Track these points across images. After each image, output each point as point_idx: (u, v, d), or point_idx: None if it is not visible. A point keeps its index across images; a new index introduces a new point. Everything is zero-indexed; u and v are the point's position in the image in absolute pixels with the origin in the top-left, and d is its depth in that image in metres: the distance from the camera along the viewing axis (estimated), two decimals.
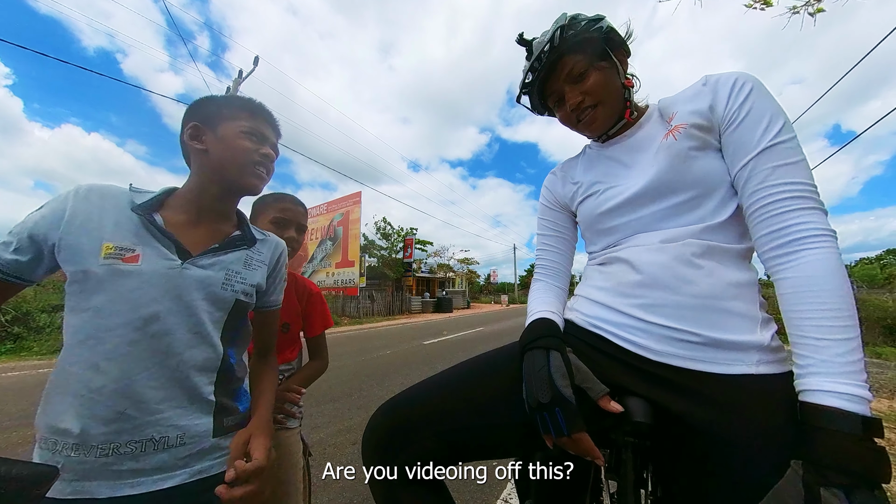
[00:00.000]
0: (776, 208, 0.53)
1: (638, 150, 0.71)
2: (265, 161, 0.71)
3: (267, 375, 0.78)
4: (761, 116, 0.57)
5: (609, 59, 0.69)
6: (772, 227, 0.54)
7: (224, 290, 0.66)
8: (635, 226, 0.68)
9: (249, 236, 0.73)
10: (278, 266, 0.79)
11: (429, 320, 14.96)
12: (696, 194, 0.62)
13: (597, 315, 0.66)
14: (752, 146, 0.57)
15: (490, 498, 1.92)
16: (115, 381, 0.55)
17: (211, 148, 0.67)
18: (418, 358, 5.90)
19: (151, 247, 0.61)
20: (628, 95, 0.72)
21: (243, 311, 0.70)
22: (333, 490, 1.94)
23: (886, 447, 1.83)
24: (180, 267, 0.62)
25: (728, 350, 0.54)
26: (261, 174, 0.71)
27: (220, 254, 0.67)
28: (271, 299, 0.79)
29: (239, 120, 0.68)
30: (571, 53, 0.68)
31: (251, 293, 0.71)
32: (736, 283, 0.57)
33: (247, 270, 0.70)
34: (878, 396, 3.72)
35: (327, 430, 2.80)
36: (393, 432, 0.69)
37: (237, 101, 0.71)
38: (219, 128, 0.67)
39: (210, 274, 0.64)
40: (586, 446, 0.56)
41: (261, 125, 0.71)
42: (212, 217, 0.71)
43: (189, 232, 0.67)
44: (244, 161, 0.68)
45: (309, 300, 1.16)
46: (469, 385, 0.70)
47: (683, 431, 0.55)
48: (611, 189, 0.71)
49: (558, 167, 0.88)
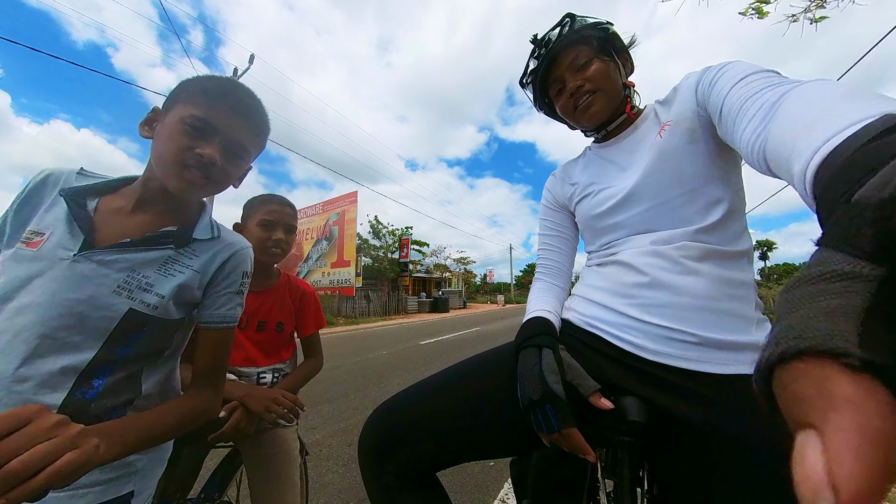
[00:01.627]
0: (755, 99, 0.44)
1: (632, 151, 0.72)
2: (199, 164, 0.56)
3: (176, 402, 0.60)
4: (737, 69, 0.53)
5: (611, 57, 0.72)
6: (757, 103, 0.43)
7: (117, 294, 0.54)
8: (630, 226, 0.69)
9: (183, 235, 0.61)
10: (225, 273, 0.64)
11: (425, 320, 14.95)
12: (684, 192, 0.62)
13: (593, 315, 0.67)
14: (727, 86, 0.52)
15: (487, 497, 1.92)
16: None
17: (155, 136, 0.58)
18: (415, 358, 5.89)
19: (60, 233, 0.54)
20: (629, 93, 0.74)
21: (139, 324, 0.56)
22: (329, 491, 1.93)
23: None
24: (70, 259, 0.52)
25: (724, 350, 0.54)
26: (187, 176, 0.57)
27: (130, 250, 0.56)
28: (214, 313, 0.64)
29: (188, 105, 0.56)
30: (576, 45, 0.71)
31: (156, 304, 0.57)
32: (731, 284, 0.58)
33: (159, 275, 0.57)
34: None
35: (323, 431, 2.79)
36: (390, 435, 0.69)
37: (202, 82, 0.59)
38: (169, 113, 0.57)
39: (103, 272, 0.53)
40: (577, 442, 0.56)
41: (216, 115, 0.57)
42: (150, 208, 0.61)
43: (117, 221, 0.58)
44: (170, 160, 0.56)
45: (302, 299, 1.17)
46: (466, 386, 0.70)
47: (679, 430, 0.56)
48: (605, 189, 0.73)
49: (559, 169, 0.89)
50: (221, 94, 0.58)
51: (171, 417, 0.56)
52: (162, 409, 0.56)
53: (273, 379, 1.08)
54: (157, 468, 0.63)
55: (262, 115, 0.64)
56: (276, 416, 0.94)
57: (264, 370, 1.07)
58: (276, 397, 0.96)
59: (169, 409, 0.57)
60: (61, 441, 0.38)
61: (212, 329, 0.65)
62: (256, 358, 1.07)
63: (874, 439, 0.13)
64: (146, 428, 0.52)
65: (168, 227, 0.61)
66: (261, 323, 1.08)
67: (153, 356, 0.61)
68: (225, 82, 0.60)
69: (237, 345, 1.04)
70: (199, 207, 0.68)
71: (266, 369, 1.08)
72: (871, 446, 0.13)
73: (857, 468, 0.13)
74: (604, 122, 0.75)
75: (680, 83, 0.69)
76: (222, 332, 0.66)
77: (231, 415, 0.90)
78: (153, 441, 0.54)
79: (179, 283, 0.59)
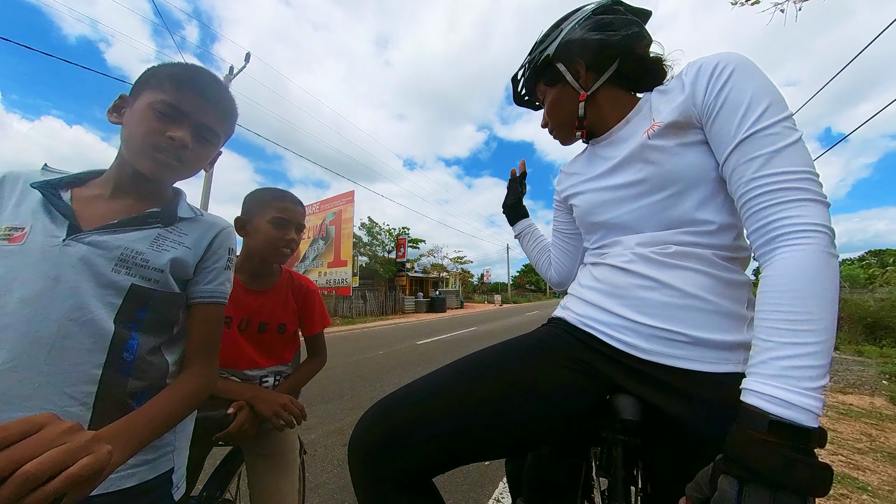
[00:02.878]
0: (759, 203, 0.50)
1: (619, 147, 0.71)
2: (171, 147, 0.59)
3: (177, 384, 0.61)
4: (739, 103, 0.53)
5: (558, 80, 0.75)
6: (756, 223, 0.51)
7: (116, 272, 0.56)
8: (618, 226, 0.69)
9: (169, 214, 0.64)
10: (212, 250, 0.67)
11: (422, 320, 14.94)
12: (672, 193, 0.62)
13: (588, 314, 0.67)
14: (729, 138, 0.54)
15: (482, 497, 1.93)
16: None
17: (125, 122, 0.60)
18: (412, 358, 5.89)
19: (42, 223, 0.55)
20: (581, 112, 0.75)
21: (144, 298, 0.59)
22: (324, 492, 1.93)
23: (866, 445, 1.88)
24: (61, 244, 0.54)
25: (715, 349, 0.55)
26: (161, 159, 0.59)
27: (120, 231, 0.58)
28: (203, 289, 0.66)
29: (157, 91, 0.58)
30: (537, 83, 0.81)
31: (156, 279, 0.60)
32: (723, 284, 0.58)
33: (152, 251, 0.60)
34: (858, 393, 3.83)
35: (319, 431, 2.78)
36: (388, 438, 0.64)
37: (170, 69, 0.61)
38: (137, 99, 0.59)
39: (97, 252, 0.55)
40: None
41: (184, 98, 0.60)
42: (130, 193, 0.63)
43: (98, 207, 0.60)
44: (142, 143, 0.58)
45: (306, 298, 1.14)
46: (465, 386, 0.68)
47: (672, 429, 0.56)
48: (593, 189, 0.73)
49: (566, 164, 0.91)
50: (188, 80, 0.60)
51: (177, 401, 0.58)
52: (165, 395, 0.58)
53: (274, 382, 1.06)
54: (187, 446, 0.67)
55: (229, 100, 0.67)
56: (283, 422, 0.92)
57: (266, 374, 1.05)
58: (286, 403, 0.94)
59: (172, 393, 0.59)
60: (75, 446, 0.37)
61: (204, 304, 0.66)
62: (258, 359, 1.04)
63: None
64: (155, 418, 0.54)
65: (152, 209, 0.63)
66: (262, 324, 1.05)
67: (165, 331, 0.63)
68: (191, 69, 0.62)
69: (239, 348, 1.02)
70: (174, 193, 0.70)
71: (268, 372, 1.06)
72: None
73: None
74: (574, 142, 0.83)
75: (684, 72, 0.64)
76: (214, 307, 0.67)
77: (237, 413, 0.88)
78: (165, 428, 0.55)
79: (173, 257, 0.61)
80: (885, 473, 2.09)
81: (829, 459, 2.26)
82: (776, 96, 0.53)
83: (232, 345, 1.00)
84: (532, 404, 0.62)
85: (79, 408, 0.52)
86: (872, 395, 3.74)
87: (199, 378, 0.63)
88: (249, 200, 1.03)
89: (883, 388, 3.99)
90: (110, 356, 0.55)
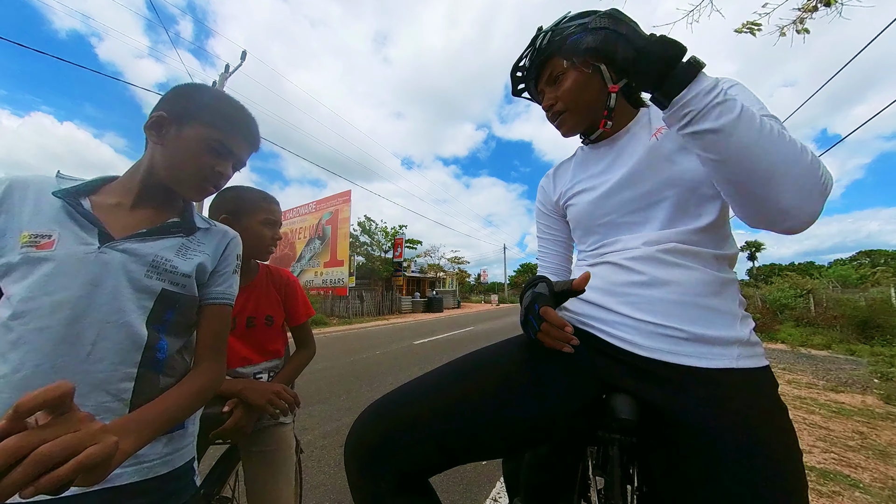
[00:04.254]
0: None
1: (623, 153, 0.72)
2: (216, 179, 0.68)
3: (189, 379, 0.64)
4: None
5: (588, 65, 0.68)
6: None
7: (149, 277, 0.60)
8: (618, 224, 0.70)
9: (189, 225, 0.69)
10: (225, 257, 0.73)
11: (419, 320, 14.93)
12: (674, 194, 0.63)
13: (586, 313, 0.68)
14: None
15: (479, 496, 1.93)
16: (16, 370, 0.51)
17: (168, 144, 0.64)
18: (409, 358, 5.88)
19: (70, 231, 0.57)
20: (610, 104, 0.69)
21: (172, 302, 0.63)
22: (320, 492, 1.92)
23: (858, 443, 1.91)
24: (97, 251, 0.57)
25: (711, 345, 0.56)
26: (206, 189, 0.68)
27: (149, 239, 0.62)
28: (215, 290, 0.71)
29: (211, 128, 0.65)
30: (553, 57, 0.71)
31: (183, 283, 0.64)
32: (717, 282, 0.60)
33: (179, 258, 0.64)
34: (850, 391, 3.88)
35: (315, 432, 2.77)
36: (383, 439, 0.64)
37: (221, 106, 0.67)
38: (185, 127, 0.63)
39: (132, 259, 0.59)
40: (552, 317, 0.61)
41: (234, 140, 0.68)
42: (150, 203, 0.67)
43: (120, 216, 0.63)
44: (194, 174, 0.65)
45: (288, 288, 1.16)
46: (462, 385, 0.68)
47: (668, 426, 0.57)
48: (592, 187, 0.74)
49: (552, 169, 0.90)
50: (239, 123, 0.68)
51: (187, 395, 0.61)
52: (176, 391, 0.61)
53: (269, 378, 1.07)
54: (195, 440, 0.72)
55: (258, 136, 0.74)
56: (278, 409, 0.93)
57: (259, 371, 1.06)
58: (279, 391, 0.95)
59: (184, 388, 0.62)
60: (85, 434, 0.40)
61: (216, 305, 0.71)
62: (251, 356, 1.05)
63: None
64: (166, 410, 0.56)
65: (173, 219, 0.68)
66: (250, 319, 1.06)
67: (187, 331, 0.68)
68: (239, 110, 0.69)
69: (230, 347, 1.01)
70: (185, 203, 0.73)
71: (261, 369, 1.06)
72: None
73: None
74: (582, 132, 0.76)
75: None
76: (225, 307, 0.72)
77: (233, 411, 0.89)
78: (174, 421, 0.58)
79: (198, 263, 0.67)
80: (877, 471, 2.11)
81: (823, 457, 2.29)
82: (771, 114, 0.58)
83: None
84: (528, 404, 0.62)
85: (117, 403, 0.56)
86: (864, 394, 3.79)
87: (210, 373, 0.67)
88: (232, 200, 1.03)
89: (874, 386, 4.05)
90: (145, 355, 0.59)
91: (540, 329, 0.62)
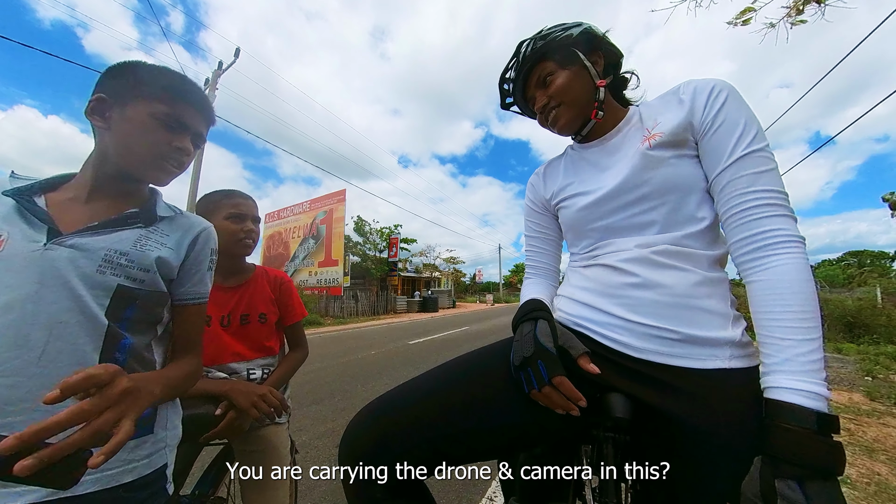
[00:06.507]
0: (750, 215, 0.57)
1: (614, 154, 0.72)
2: (176, 155, 0.63)
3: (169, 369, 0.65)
4: (736, 125, 0.60)
5: (576, 63, 0.71)
6: (746, 232, 0.57)
7: (102, 273, 0.57)
8: (612, 229, 0.70)
9: (149, 214, 0.64)
10: (196, 252, 0.68)
11: (414, 320, 14.91)
12: (668, 200, 0.64)
13: (580, 314, 0.68)
14: (727, 154, 0.59)
15: (475, 496, 1.93)
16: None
17: (115, 127, 0.60)
18: (404, 358, 5.87)
19: (19, 229, 0.55)
20: (599, 97, 0.72)
21: (131, 298, 0.59)
22: (317, 493, 1.91)
23: (845, 439, 1.94)
24: (43, 248, 0.54)
25: (703, 346, 0.56)
26: (167, 168, 0.63)
27: (102, 232, 0.58)
28: (189, 290, 0.67)
29: (156, 102, 0.60)
30: (541, 62, 0.73)
31: (142, 278, 0.60)
32: (709, 283, 0.60)
33: (136, 251, 0.60)
34: (837, 389, 3.95)
35: (310, 432, 2.75)
36: (377, 442, 0.64)
37: (160, 78, 0.62)
38: (128, 106, 0.59)
39: (81, 254, 0.56)
40: (568, 389, 0.58)
41: (184, 111, 0.63)
42: (106, 194, 0.63)
43: (74, 211, 0.60)
44: (148, 152, 0.61)
45: (283, 287, 1.17)
46: (460, 387, 0.68)
47: (661, 425, 0.58)
48: (586, 192, 0.74)
49: (541, 167, 0.90)
50: (185, 93, 0.64)
51: (176, 377, 0.63)
52: (166, 371, 0.63)
53: (263, 375, 1.07)
54: (175, 446, 0.70)
55: (210, 106, 0.71)
56: (262, 413, 0.92)
57: (253, 366, 1.06)
58: (264, 394, 0.94)
59: (172, 371, 0.64)
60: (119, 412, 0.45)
61: (190, 305, 0.69)
62: (243, 352, 1.06)
63: None
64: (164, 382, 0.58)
65: (131, 210, 0.63)
66: (244, 316, 1.07)
67: (151, 330, 0.65)
68: (180, 78, 0.65)
69: (223, 344, 1.03)
70: (150, 192, 0.70)
71: (255, 365, 1.07)
72: None
73: None
74: (577, 129, 0.77)
75: (674, 90, 0.69)
76: (199, 306, 0.70)
77: (226, 414, 0.89)
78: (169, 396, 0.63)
79: (158, 257, 0.63)
80: (864, 466, 2.16)
81: None
82: (760, 126, 0.60)
83: (215, 342, 1.02)
84: (523, 405, 0.62)
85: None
86: (851, 391, 3.86)
87: (189, 366, 0.68)
88: (202, 205, 1.07)
89: (861, 384, 4.13)
90: (104, 356, 0.56)
91: (541, 391, 0.58)
